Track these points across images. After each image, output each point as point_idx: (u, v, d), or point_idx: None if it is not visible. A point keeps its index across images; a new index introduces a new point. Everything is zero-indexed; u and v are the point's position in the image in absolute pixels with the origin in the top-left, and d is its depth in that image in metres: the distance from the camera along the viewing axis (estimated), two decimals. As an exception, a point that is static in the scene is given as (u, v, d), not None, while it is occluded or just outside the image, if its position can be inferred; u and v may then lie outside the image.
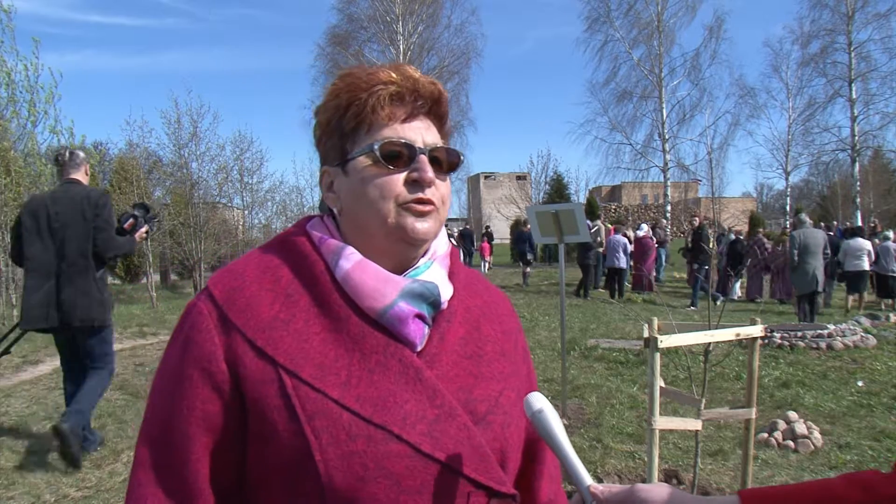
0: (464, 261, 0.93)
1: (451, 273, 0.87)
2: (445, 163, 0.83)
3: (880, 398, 5.31)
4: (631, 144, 30.59)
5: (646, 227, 16.09)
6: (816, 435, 4.29)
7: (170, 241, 14.58)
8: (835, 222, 21.93)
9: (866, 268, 11.21)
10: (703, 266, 11.88)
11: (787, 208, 32.05)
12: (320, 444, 0.70)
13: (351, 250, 0.80)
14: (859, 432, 4.53)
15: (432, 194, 0.80)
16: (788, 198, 33.58)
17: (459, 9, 27.96)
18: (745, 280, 13.40)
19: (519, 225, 20.20)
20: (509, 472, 0.82)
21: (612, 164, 31.29)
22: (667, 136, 29.34)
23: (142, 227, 4.24)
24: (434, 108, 0.83)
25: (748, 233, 16.78)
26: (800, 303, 9.06)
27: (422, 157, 0.79)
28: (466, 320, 0.85)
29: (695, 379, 3.61)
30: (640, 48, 29.55)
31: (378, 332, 0.76)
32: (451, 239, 1.48)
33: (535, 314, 10.80)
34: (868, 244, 11.37)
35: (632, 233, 15.79)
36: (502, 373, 0.85)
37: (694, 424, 2.86)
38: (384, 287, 0.77)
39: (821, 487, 0.73)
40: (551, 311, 10.97)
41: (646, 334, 2.80)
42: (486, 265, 21.28)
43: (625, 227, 16.07)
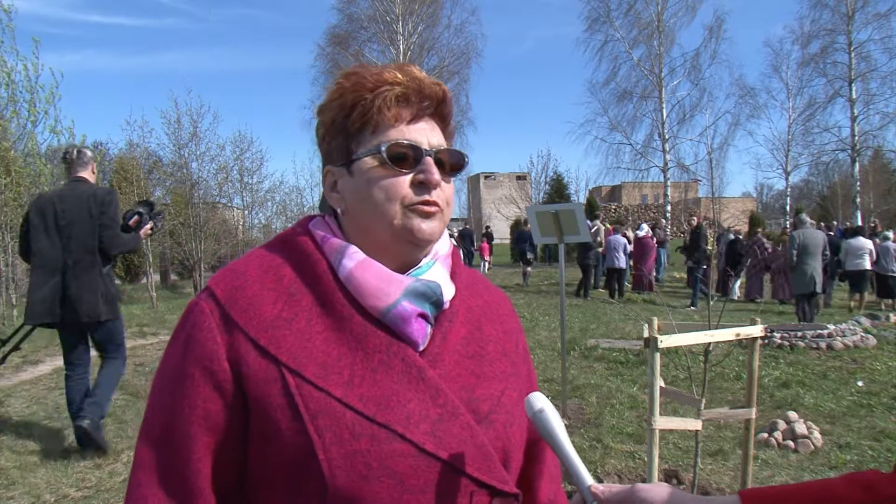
0: (464, 261, 0.94)
1: (452, 273, 0.87)
2: (449, 164, 0.83)
3: (880, 398, 5.31)
4: (631, 144, 30.61)
5: (646, 227, 16.09)
6: (816, 435, 4.29)
7: (170, 241, 14.58)
8: (835, 222, 21.93)
9: (868, 267, 11.21)
10: (701, 265, 11.91)
11: (787, 208, 32.05)
12: (324, 443, 0.70)
13: (354, 249, 0.80)
14: (859, 432, 4.53)
15: (437, 196, 0.80)
16: (788, 198, 33.58)
17: (459, 9, 27.99)
18: (744, 280, 13.40)
19: (519, 225, 20.20)
20: (512, 471, 0.82)
21: (612, 164, 31.32)
22: (667, 136, 29.35)
23: (146, 224, 4.33)
24: (438, 110, 0.83)
25: (747, 233, 16.76)
26: (798, 303, 9.06)
27: (428, 160, 0.79)
28: (468, 320, 0.85)
29: (695, 379, 3.61)
30: (640, 48, 29.58)
31: (381, 332, 0.76)
32: (452, 239, 1.48)
33: (535, 314, 10.80)
34: (870, 243, 11.37)
35: (631, 233, 15.78)
36: (504, 372, 0.85)
37: (694, 424, 2.86)
38: (387, 286, 0.77)
39: (821, 487, 0.73)
40: (551, 311, 10.97)
41: (646, 334, 2.80)
42: (486, 265, 21.26)
43: (624, 228, 16.05)
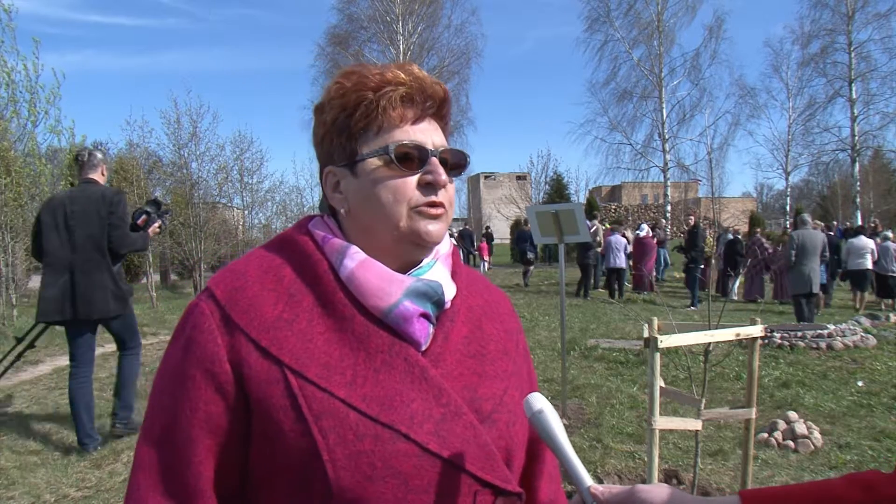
0: (463, 261, 0.94)
1: (453, 272, 0.87)
2: (451, 164, 0.83)
3: (880, 398, 5.31)
4: (631, 144, 30.65)
5: (646, 227, 16.08)
6: (816, 435, 4.29)
7: (170, 241, 14.57)
8: (835, 222, 21.93)
9: (870, 266, 11.21)
10: (698, 265, 11.92)
11: (787, 208, 32.07)
12: (328, 443, 0.70)
13: (355, 249, 0.80)
14: (859, 432, 4.52)
15: (443, 197, 0.80)
16: (788, 198, 33.60)
17: (459, 9, 28.02)
18: (743, 280, 13.38)
19: (519, 225, 20.19)
20: (514, 470, 0.82)
21: (612, 164, 31.38)
22: (667, 136, 29.38)
23: (154, 223, 4.45)
24: (439, 110, 0.84)
25: (747, 233, 16.75)
26: (796, 303, 9.07)
27: (434, 160, 0.79)
28: (469, 319, 0.85)
29: (695, 379, 3.61)
30: (640, 48, 29.64)
31: (383, 332, 0.76)
32: (451, 239, 1.48)
33: (535, 314, 10.80)
34: (871, 243, 11.37)
35: (630, 233, 15.77)
36: (506, 371, 0.85)
37: (694, 424, 2.86)
38: (389, 286, 0.77)
39: (821, 488, 0.73)
40: (551, 311, 10.97)
41: (646, 334, 2.79)
42: (485, 265, 21.24)
43: (622, 228, 16.03)
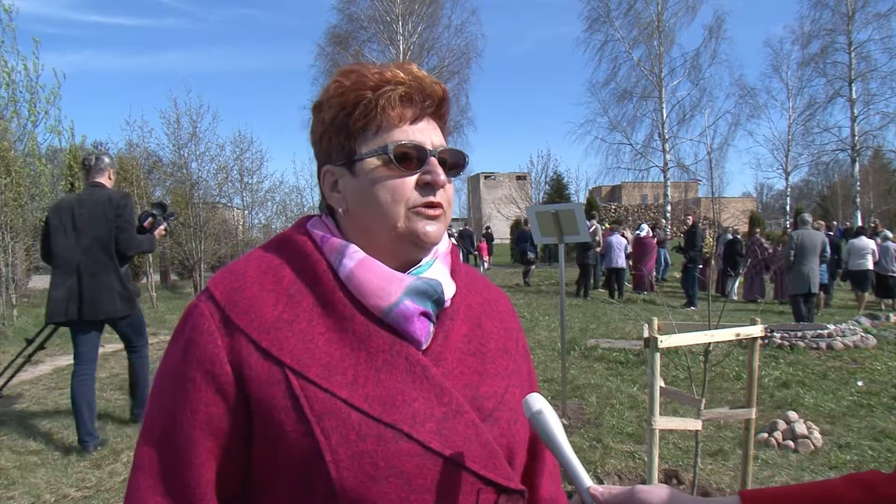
0: (463, 261, 0.93)
1: (452, 271, 0.87)
2: (450, 164, 0.83)
3: (880, 398, 5.31)
4: (631, 144, 30.65)
5: (646, 227, 16.07)
6: (816, 435, 4.29)
7: (170, 241, 14.56)
8: (835, 222, 21.94)
9: (870, 267, 11.20)
10: (696, 264, 11.92)
11: (787, 208, 32.07)
12: (330, 444, 0.70)
13: (354, 248, 0.79)
14: (859, 432, 4.52)
15: (441, 197, 0.80)
16: (788, 198, 33.60)
17: (459, 9, 28.02)
18: (742, 280, 13.38)
19: (520, 225, 20.18)
20: (516, 468, 0.82)
21: (612, 164, 31.40)
22: (667, 136, 29.39)
23: (160, 226, 4.53)
24: (438, 109, 0.83)
25: (746, 233, 16.73)
26: (794, 303, 9.07)
27: (433, 160, 0.79)
28: (469, 317, 0.85)
29: (695, 379, 3.61)
30: (640, 48, 29.65)
31: (383, 331, 0.76)
32: (452, 239, 1.48)
33: (535, 314, 10.80)
34: (872, 244, 11.37)
35: (629, 233, 15.76)
36: (506, 369, 0.85)
37: (694, 424, 2.86)
38: (388, 285, 0.77)
39: (821, 488, 0.73)
40: (551, 311, 10.97)
41: (646, 334, 2.79)
42: (485, 265, 21.22)
43: (621, 228, 16.02)
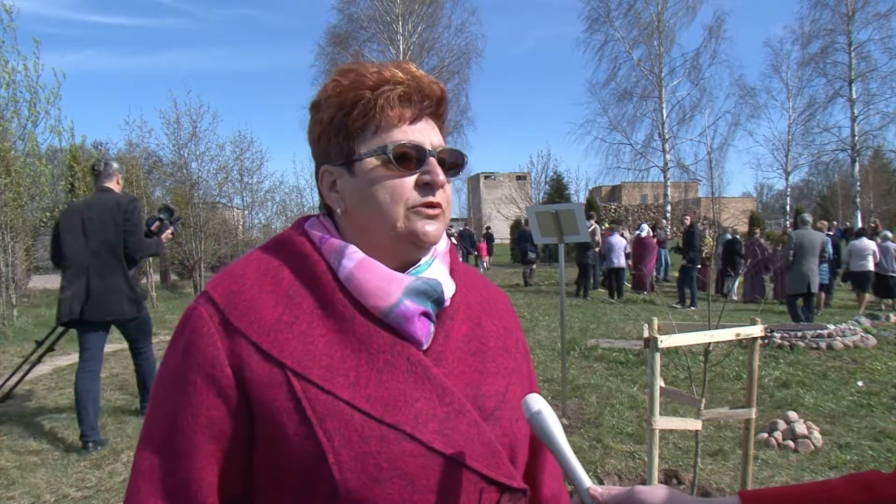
0: (463, 261, 0.93)
1: (451, 270, 0.87)
2: (449, 164, 0.83)
3: (880, 398, 5.31)
4: (631, 144, 30.68)
5: (646, 227, 16.06)
6: (816, 435, 4.29)
7: (170, 241, 14.57)
8: (834, 222, 21.93)
9: (871, 268, 11.18)
10: (695, 265, 11.93)
11: (787, 208, 32.07)
12: (333, 446, 0.70)
13: (353, 249, 0.79)
14: (859, 432, 4.52)
15: (440, 197, 0.80)
16: (788, 198, 33.60)
17: (459, 9, 28.04)
18: (741, 280, 13.37)
19: (520, 225, 20.18)
20: (518, 466, 0.82)
21: (612, 164, 31.43)
22: (667, 136, 29.41)
23: (167, 229, 4.63)
24: (437, 109, 0.83)
25: (746, 233, 16.72)
26: (790, 303, 9.06)
27: (432, 160, 0.79)
28: (469, 316, 0.85)
29: (695, 379, 3.60)
30: (640, 48, 29.67)
31: (384, 332, 0.76)
32: (451, 239, 1.48)
33: (535, 314, 10.80)
34: (873, 245, 11.35)
35: (628, 233, 15.75)
36: (507, 368, 0.84)
37: (694, 424, 2.86)
38: (388, 286, 0.77)
39: (821, 488, 0.73)
40: (551, 311, 10.97)
41: (646, 334, 2.79)
42: (484, 265, 21.20)
43: (620, 228, 16.01)
